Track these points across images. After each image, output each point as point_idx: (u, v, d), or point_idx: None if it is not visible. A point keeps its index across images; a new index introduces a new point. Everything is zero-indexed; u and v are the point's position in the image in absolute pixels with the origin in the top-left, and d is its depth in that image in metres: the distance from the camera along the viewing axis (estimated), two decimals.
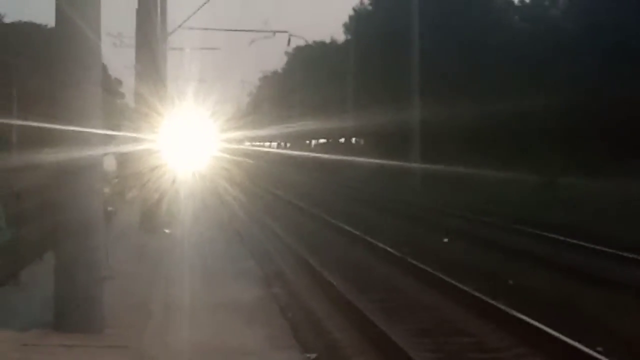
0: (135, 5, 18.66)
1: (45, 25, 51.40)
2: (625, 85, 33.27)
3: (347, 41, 59.98)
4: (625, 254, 15.59)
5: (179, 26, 30.85)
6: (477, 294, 11.57)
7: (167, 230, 17.59)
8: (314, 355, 8.82)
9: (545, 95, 34.99)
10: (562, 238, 18.27)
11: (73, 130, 8.02)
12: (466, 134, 39.99)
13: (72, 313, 8.11)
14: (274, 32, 50.26)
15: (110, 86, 54.82)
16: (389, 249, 16.38)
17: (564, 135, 36.02)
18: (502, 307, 10.71)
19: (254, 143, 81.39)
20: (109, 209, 11.82)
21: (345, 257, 16.45)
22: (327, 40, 73.44)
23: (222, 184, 36.88)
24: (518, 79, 38.39)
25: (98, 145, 8.32)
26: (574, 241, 17.69)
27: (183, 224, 18.73)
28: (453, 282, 12.51)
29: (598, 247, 16.64)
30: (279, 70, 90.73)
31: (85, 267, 8.15)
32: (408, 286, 13.29)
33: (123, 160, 17.32)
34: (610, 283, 13.09)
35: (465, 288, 11.98)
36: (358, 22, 56.30)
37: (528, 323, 9.82)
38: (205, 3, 27.16)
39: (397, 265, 15.10)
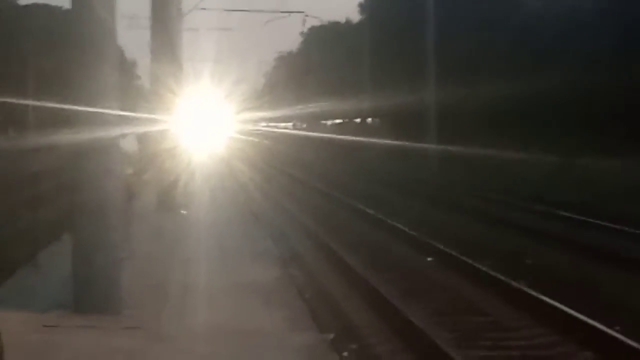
0: None
1: (60, 7, 51.45)
2: None
3: (362, 21, 59.67)
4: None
5: (194, 7, 30.85)
6: (494, 273, 11.55)
7: (183, 211, 17.62)
8: (331, 336, 8.82)
9: (562, 76, 34.70)
10: (579, 217, 18.22)
11: (89, 112, 8.03)
12: (482, 114, 39.77)
13: (90, 294, 8.14)
14: (289, 12, 50.21)
15: (125, 68, 54.86)
16: (406, 229, 16.36)
17: (581, 115, 35.75)
18: (520, 286, 10.70)
19: (269, 124, 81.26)
20: (134, 189, 11.89)
21: (362, 238, 16.44)
22: (342, 21, 73.17)
23: (238, 165, 36.91)
24: (534, 59, 38.10)
25: (115, 126, 8.33)
26: (591, 220, 17.63)
27: (199, 204, 18.75)
28: (470, 261, 12.51)
29: (616, 226, 16.57)
30: (295, 51, 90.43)
31: (103, 248, 8.18)
32: (425, 266, 13.28)
33: (143, 141, 17.37)
34: (629, 262, 13.02)
35: (483, 267, 11.98)
36: (373, 2, 55.98)
37: (546, 302, 9.80)
38: None
39: (413, 245, 15.08)
